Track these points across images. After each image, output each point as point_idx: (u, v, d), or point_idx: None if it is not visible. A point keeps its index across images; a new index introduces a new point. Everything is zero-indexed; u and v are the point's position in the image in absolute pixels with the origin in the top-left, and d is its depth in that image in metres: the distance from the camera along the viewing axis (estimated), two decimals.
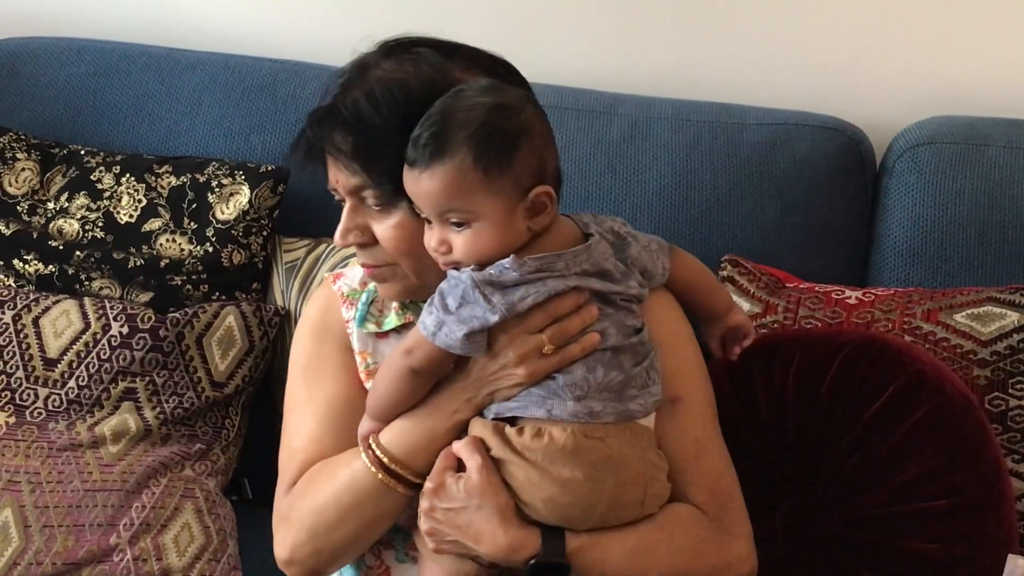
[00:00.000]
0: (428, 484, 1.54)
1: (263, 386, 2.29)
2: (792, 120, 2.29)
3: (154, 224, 2.29)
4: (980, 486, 1.77)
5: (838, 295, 2.07)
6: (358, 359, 1.72)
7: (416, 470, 1.56)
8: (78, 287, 2.28)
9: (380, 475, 1.57)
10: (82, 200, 2.33)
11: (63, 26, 2.69)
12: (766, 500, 1.81)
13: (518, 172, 1.47)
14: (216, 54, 2.53)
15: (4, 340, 2.20)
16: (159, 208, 2.30)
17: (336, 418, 1.68)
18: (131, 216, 2.30)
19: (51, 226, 2.31)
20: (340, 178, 1.61)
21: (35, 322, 2.21)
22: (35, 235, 2.30)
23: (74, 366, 2.18)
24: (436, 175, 1.47)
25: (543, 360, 1.51)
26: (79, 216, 2.31)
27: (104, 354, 2.17)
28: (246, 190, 2.28)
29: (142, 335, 2.18)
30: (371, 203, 1.60)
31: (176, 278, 2.26)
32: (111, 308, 2.21)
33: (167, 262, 2.26)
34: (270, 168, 2.30)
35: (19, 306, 2.22)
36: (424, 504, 1.54)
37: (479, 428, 1.54)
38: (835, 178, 2.25)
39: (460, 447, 1.53)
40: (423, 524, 1.54)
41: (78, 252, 2.27)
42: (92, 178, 2.34)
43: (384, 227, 1.60)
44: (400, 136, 1.51)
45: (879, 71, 2.42)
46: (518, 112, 1.49)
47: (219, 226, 2.27)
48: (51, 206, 2.34)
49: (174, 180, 2.31)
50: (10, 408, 2.17)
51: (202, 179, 2.30)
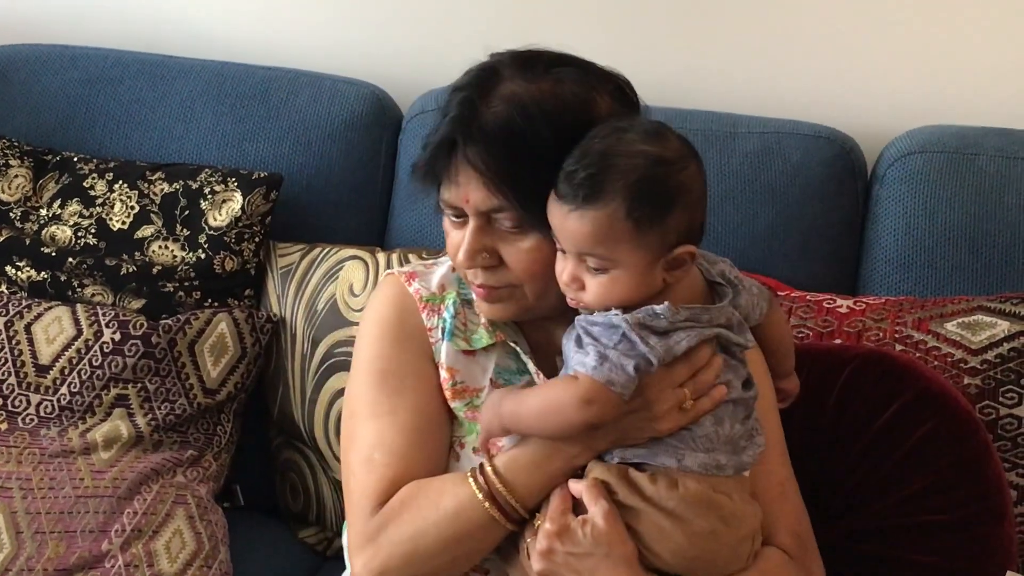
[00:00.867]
0: (548, 526, 1.49)
1: (255, 393, 2.29)
2: (784, 129, 2.30)
3: (147, 231, 2.29)
4: (982, 502, 1.78)
5: (829, 304, 2.08)
6: (444, 374, 1.65)
7: (527, 507, 1.52)
8: (70, 294, 2.28)
9: (490, 508, 1.52)
10: (75, 207, 2.33)
11: (56, 33, 2.68)
12: None
13: (668, 229, 1.44)
14: (209, 61, 2.53)
15: None
16: (152, 215, 2.30)
17: (424, 435, 1.62)
18: (124, 223, 2.30)
19: (44, 233, 2.31)
20: (475, 196, 1.52)
21: (27, 328, 2.21)
22: (28, 242, 2.30)
23: (66, 372, 2.18)
24: (586, 218, 1.43)
25: (681, 415, 1.48)
26: (72, 223, 2.31)
27: (96, 360, 2.17)
28: (238, 197, 2.28)
29: (134, 342, 2.18)
30: (505, 224, 1.53)
31: (168, 285, 2.26)
32: (103, 315, 2.21)
33: (159, 269, 2.26)
34: (262, 175, 2.30)
35: (11, 312, 2.22)
36: (543, 545, 1.49)
37: (601, 471, 1.50)
38: (826, 187, 2.26)
39: (584, 490, 1.49)
40: (539, 564, 1.49)
41: (71, 259, 2.27)
42: (85, 185, 2.34)
43: (516, 249, 1.54)
44: (552, 158, 1.46)
45: (870, 80, 2.43)
46: (680, 169, 1.45)
47: (211, 233, 2.27)
48: (44, 213, 2.34)
49: (167, 187, 2.31)
50: (2, 414, 2.17)
51: (195, 186, 2.30)
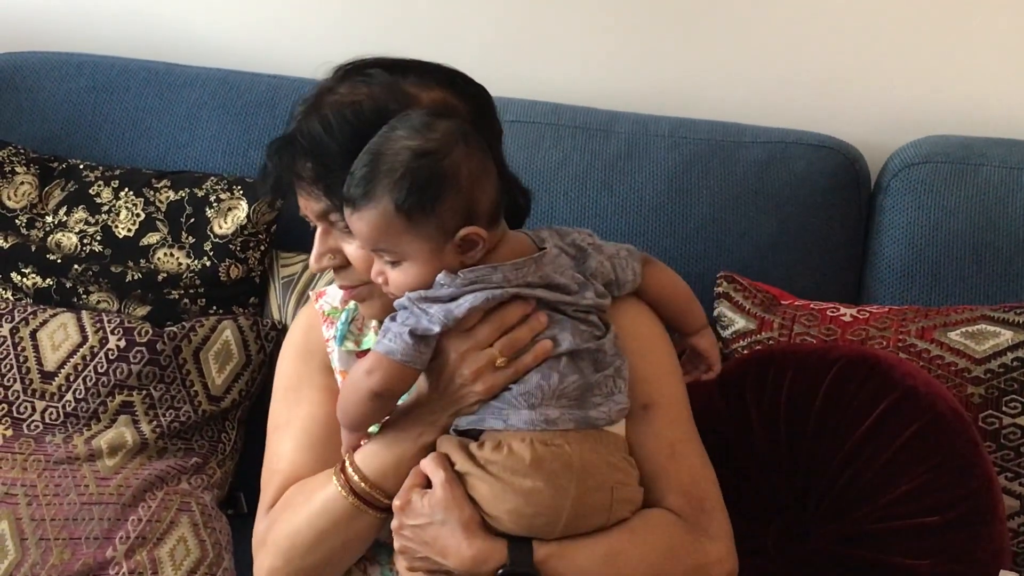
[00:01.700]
0: (396, 502, 1.56)
1: (259, 400, 2.29)
2: (788, 139, 2.30)
3: (152, 238, 2.30)
4: (972, 502, 1.77)
5: (833, 312, 2.08)
6: (339, 378, 1.74)
7: (387, 492, 1.58)
8: (76, 300, 2.28)
9: (351, 499, 1.59)
10: (80, 214, 2.33)
11: (63, 41, 2.69)
12: (757, 516, 1.82)
13: (442, 216, 1.49)
14: (215, 70, 2.53)
15: (2, 353, 2.20)
16: (157, 222, 2.30)
17: (314, 439, 1.71)
18: (129, 230, 2.31)
19: (49, 240, 2.32)
20: (307, 204, 1.64)
21: (33, 335, 2.21)
22: (33, 248, 2.30)
23: (71, 379, 2.18)
24: (364, 218, 1.50)
25: (498, 373, 1.52)
26: (77, 230, 2.32)
27: (101, 367, 2.18)
28: (244, 205, 2.28)
29: (139, 349, 2.18)
30: (339, 226, 1.61)
31: (174, 292, 2.27)
32: (108, 322, 2.21)
33: (165, 276, 2.27)
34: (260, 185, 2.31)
35: (17, 319, 2.23)
36: (394, 523, 1.56)
37: (445, 444, 1.55)
38: (831, 196, 2.26)
39: (426, 463, 1.55)
40: (395, 543, 1.57)
41: (76, 266, 2.28)
42: (91, 192, 2.34)
43: (352, 248, 1.62)
44: (354, 159, 1.53)
45: (875, 91, 2.43)
46: (443, 157, 1.49)
47: (217, 240, 2.27)
48: (49, 220, 2.34)
49: (172, 195, 2.32)
50: (7, 421, 2.17)
51: (200, 194, 2.31)
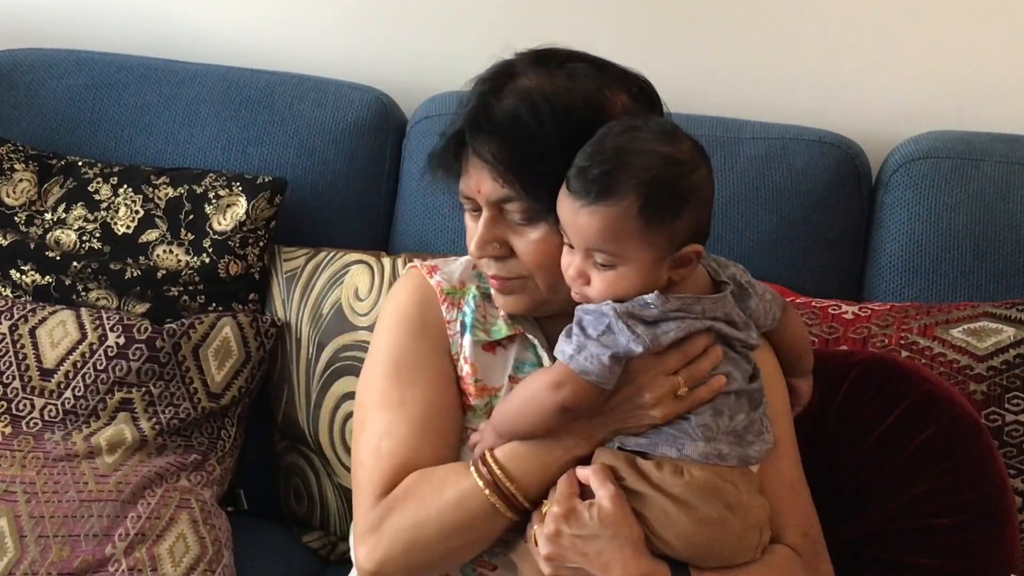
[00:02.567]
0: (555, 508, 1.51)
1: (259, 397, 2.29)
2: (789, 134, 2.29)
3: (151, 235, 2.29)
4: (985, 505, 1.78)
5: (834, 310, 2.08)
6: (466, 368, 1.67)
7: (528, 496, 1.54)
8: (75, 297, 2.28)
9: (492, 497, 1.54)
10: (79, 211, 2.33)
11: (62, 37, 2.69)
12: None
13: (677, 229, 1.46)
14: (214, 66, 2.53)
15: (1, 350, 2.19)
16: (156, 219, 2.30)
17: (432, 427, 1.63)
18: (128, 227, 2.30)
19: (48, 237, 2.31)
20: (486, 187, 1.56)
21: (32, 332, 2.21)
22: (32, 245, 2.30)
23: (70, 376, 2.18)
24: (597, 215, 1.45)
25: (676, 402, 1.50)
26: (76, 227, 2.31)
27: (100, 364, 2.17)
28: (243, 201, 2.28)
29: (139, 346, 2.18)
30: (514, 216, 1.57)
31: (173, 289, 2.26)
32: (108, 319, 2.21)
33: (164, 273, 2.26)
34: (267, 179, 2.30)
35: (16, 316, 2.22)
36: (550, 528, 1.50)
37: (608, 457, 1.52)
38: (831, 192, 2.25)
39: (591, 474, 1.50)
40: (545, 548, 1.51)
41: (75, 263, 2.27)
42: (90, 189, 2.34)
43: (526, 240, 1.57)
44: (560, 151, 1.49)
45: (875, 86, 2.43)
46: (692, 171, 1.47)
47: (216, 237, 2.27)
48: (48, 217, 2.34)
49: (171, 191, 2.31)
50: (6, 418, 2.17)
51: (199, 190, 2.31)
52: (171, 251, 2.28)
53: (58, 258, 2.28)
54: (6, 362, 2.19)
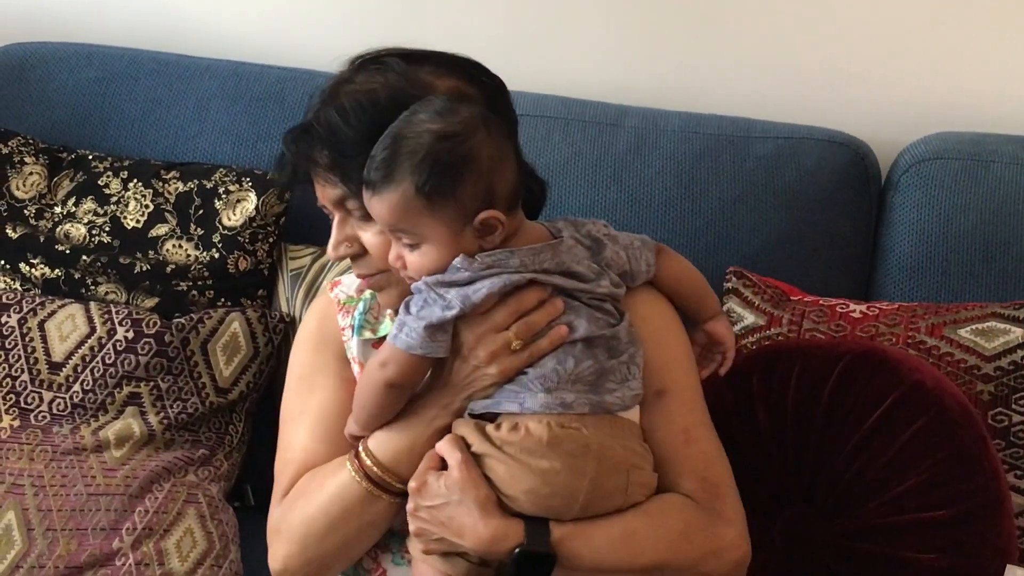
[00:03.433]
0: (412, 484, 1.56)
1: (267, 392, 2.29)
2: (798, 134, 2.29)
3: (161, 230, 2.30)
4: (979, 496, 1.77)
5: (842, 309, 2.08)
6: (355, 367, 1.74)
7: (401, 477, 1.58)
8: (84, 291, 2.28)
9: (363, 483, 1.59)
10: (89, 205, 2.33)
11: (72, 31, 2.69)
12: (765, 510, 1.82)
13: (462, 199, 1.50)
14: (224, 61, 2.53)
15: (10, 343, 2.20)
16: (166, 214, 2.30)
17: (328, 428, 1.71)
18: (138, 221, 2.31)
19: (58, 230, 2.32)
20: (323, 191, 1.65)
21: (41, 326, 2.21)
22: (42, 239, 2.30)
23: (79, 370, 2.18)
24: (384, 200, 1.51)
25: (513, 357, 1.53)
26: (86, 221, 2.32)
27: (109, 359, 2.18)
28: (253, 197, 2.28)
29: (147, 340, 2.18)
30: (356, 214, 1.63)
31: (182, 284, 2.27)
32: (116, 313, 2.21)
33: (173, 268, 2.27)
34: (277, 175, 2.31)
35: (25, 309, 2.23)
36: (410, 505, 1.56)
37: (461, 427, 1.56)
38: (840, 192, 2.25)
39: (442, 445, 1.55)
40: (411, 525, 1.57)
41: (84, 256, 2.28)
42: (99, 183, 2.35)
43: (369, 235, 1.63)
44: (371, 146, 1.54)
45: (885, 86, 2.43)
46: (464, 140, 1.50)
47: (225, 232, 2.27)
48: (58, 210, 2.34)
49: (181, 186, 2.32)
50: (15, 411, 2.17)
51: (209, 185, 2.31)
52: (180, 246, 2.28)
53: (67, 252, 2.29)
54: (15, 355, 2.20)
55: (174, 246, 2.28)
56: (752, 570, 1.64)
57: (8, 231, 2.31)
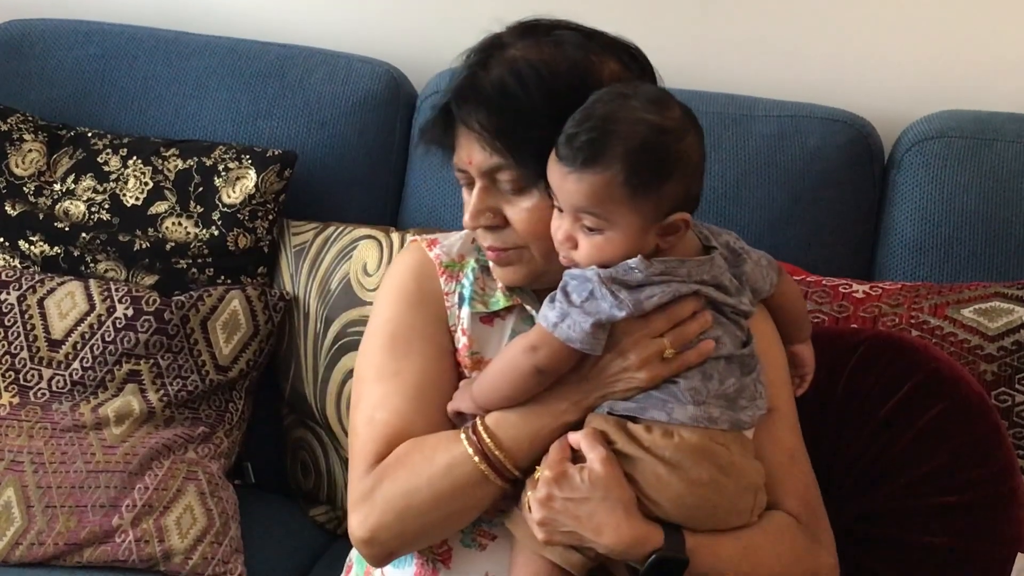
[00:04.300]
0: (547, 473, 1.50)
1: (267, 371, 2.29)
2: (801, 112, 2.28)
3: (160, 207, 2.29)
4: (992, 483, 1.78)
5: (845, 289, 2.07)
6: (463, 340, 1.67)
7: (517, 463, 1.54)
8: (83, 269, 2.28)
9: (481, 464, 1.54)
10: (88, 182, 2.32)
11: (71, 8, 2.68)
12: None
13: (664, 196, 1.47)
14: (224, 38, 2.52)
15: (9, 321, 2.20)
16: (165, 191, 2.30)
17: (426, 398, 1.63)
18: (137, 199, 2.30)
19: (57, 208, 2.31)
20: (476, 157, 1.57)
21: (40, 303, 2.21)
22: (41, 216, 2.30)
23: (78, 347, 2.18)
24: (584, 181, 1.46)
25: (663, 364, 1.50)
26: (85, 198, 2.31)
27: (108, 336, 2.17)
28: (252, 174, 2.27)
29: (147, 318, 2.18)
30: (506, 185, 1.57)
31: (181, 261, 2.26)
32: (116, 290, 2.21)
33: (173, 245, 2.26)
34: (277, 152, 2.30)
35: (24, 287, 2.22)
36: (542, 492, 1.50)
37: (599, 422, 1.52)
38: (843, 171, 2.25)
39: (581, 438, 1.51)
40: (537, 513, 1.51)
41: (84, 234, 2.27)
42: (99, 160, 2.34)
43: (518, 209, 1.58)
44: (547, 118, 1.50)
45: (888, 64, 2.42)
46: (680, 139, 1.48)
47: (225, 210, 2.27)
48: (57, 188, 2.34)
49: (180, 163, 2.31)
50: (14, 388, 2.17)
51: (208, 163, 2.30)
52: (180, 223, 2.27)
53: (67, 229, 2.28)
54: (14, 332, 2.19)
55: (174, 224, 2.27)
56: None
57: (7, 208, 2.30)
